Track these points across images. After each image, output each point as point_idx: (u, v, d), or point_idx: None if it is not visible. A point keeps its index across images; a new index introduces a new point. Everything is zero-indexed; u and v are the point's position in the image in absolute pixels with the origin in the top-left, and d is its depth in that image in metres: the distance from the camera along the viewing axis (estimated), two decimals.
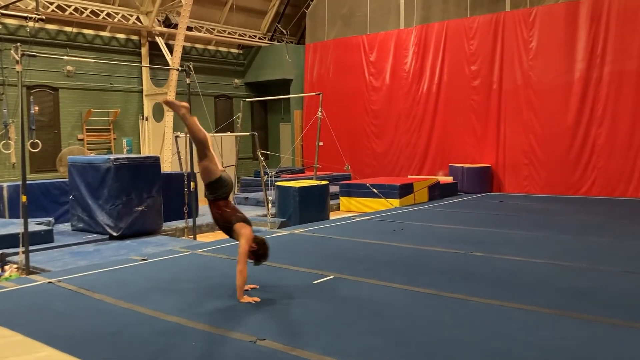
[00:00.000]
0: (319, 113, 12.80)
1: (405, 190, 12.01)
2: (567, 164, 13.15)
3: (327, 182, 10.87)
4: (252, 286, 5.14)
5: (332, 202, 11.54)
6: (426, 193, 12.63)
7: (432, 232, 8.39)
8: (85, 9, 13.87)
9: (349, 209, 12.29)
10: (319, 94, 13.32)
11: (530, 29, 13.60)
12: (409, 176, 14.89)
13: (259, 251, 4.90)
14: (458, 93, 14.73)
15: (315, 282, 5.48)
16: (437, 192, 12.99)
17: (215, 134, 14.30)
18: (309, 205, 10.07)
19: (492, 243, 7.39)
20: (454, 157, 14.80)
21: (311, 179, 12.31)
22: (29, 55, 7.45)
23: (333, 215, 10.93)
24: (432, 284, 5.28)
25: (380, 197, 11.85)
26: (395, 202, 11.73)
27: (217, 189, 4.93)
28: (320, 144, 13.08)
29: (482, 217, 9.84)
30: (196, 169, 10.51)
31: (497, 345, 3.79)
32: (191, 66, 9.13)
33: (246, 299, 4.76)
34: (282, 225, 9.51)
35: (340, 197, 12.59)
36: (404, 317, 4.41)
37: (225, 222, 4.87)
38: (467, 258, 6.51)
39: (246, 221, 4.89)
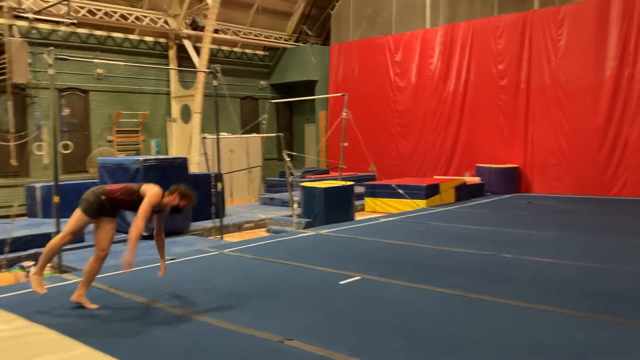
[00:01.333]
0: (344, 114, 12.81)
1: (432, 190, 11.93)
2: (597, 164, 12.90)
3: (352, 183, 10.86)
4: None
5: (357, 202, 11.52)
6: (453, 194, 12.53)
7: (459, 233, 8.33)
8: (115, 12, 14.13)
9: (374, 209, 12.27)
10: (344, 95, 13.32)
11: (559, 27, 13.38)
12: (435, 177, 14.79)
13: (179, 205, 4.78)
14: (485, 93, 14.59)
15: (341, 282, 5.50)
16: (464, 192, 12.87)
17: (242, 135, 14.44)
18: (334, 206, 10.08)
19: (520, 244, 7.31)
20: (481, 158, 14.65)
21: (336, 179, 12.33)
22: (61, 59, 7.63)
23: (358, 216, 10.92)
24: (459, 286, 5.25)
25: (406, 198, 11.79)
26: (421, 203, 11.66)
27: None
28: (345, 144, 13.07)
29: (510, 218, 9.73)
30: (222, 170, 10.64)
31: (526, 348, 3.75)
32: (218, 68, 9.22)
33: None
34: (307, 226, 9.54)
35: (366, 198, 12.58)
36: (431, 318, 4.40)
37: (130, 195, 4.67)
38: (495, 259, 6.45)
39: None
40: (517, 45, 14.02)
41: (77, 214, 4.69)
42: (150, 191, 4.65)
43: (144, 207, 4.54)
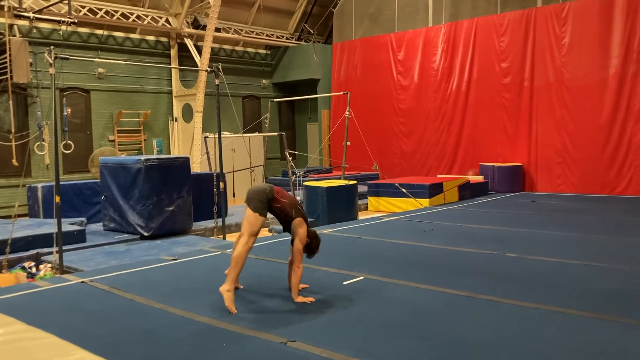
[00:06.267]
0: (347, 112, 12.74)
1: (435, 189, 11.86)
2: (602, 163, 12.82)
3: (355, 182, 10.79)
4: (303, 285, 5.14)
5: (360, 202, 11.46)
6: (456, 193, 12.45)
7: (463, 233, 8.25)
8: (116, 11, 14.07)
9: (377, 208, 12.20)
10: (347, 94, 13.25)
11: (562, 24, 13.29)
12: (439, 175, 14.71)
13: (312, 244, 4.94)
14: (488, 91, 14.51)
15: (345, 283, 5.43)
16: (468, 191, 12.80)
17: (244, 135, 14.38)
18: (337, 205, 10.02)
19: (525, 244, 7.23)
20: (484, 156, 14.57)
21: (339, 178, 12.25)
22: (62, 58, 7.55)
23: (361, 215, 10.85)
24: (464, 286, 5.18)
25: (410, 197, 11.72)
26: (425, 202, 11.59)
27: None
28: (348, 143, 13.00)
29: (515, 217, 9.65)
30: (224, 169, 10.57)
31: (533, 349, 3.68)
32: (220, 67, 9.15)
33: (301, 298, 4.77)
34: (310, 225, 9.45)
35: (369, 197, 12.51)
36: (436, 319, 4.33)
37: (286, 216, 4.83)
38: (500, 259, 6.38)
39: (303, 214, 4.88)
40: (521, 43, 13.94)
41: (250, 215, 4.71)
42: (301, 230, 4.80)
43: (299, 250, 4.78)
